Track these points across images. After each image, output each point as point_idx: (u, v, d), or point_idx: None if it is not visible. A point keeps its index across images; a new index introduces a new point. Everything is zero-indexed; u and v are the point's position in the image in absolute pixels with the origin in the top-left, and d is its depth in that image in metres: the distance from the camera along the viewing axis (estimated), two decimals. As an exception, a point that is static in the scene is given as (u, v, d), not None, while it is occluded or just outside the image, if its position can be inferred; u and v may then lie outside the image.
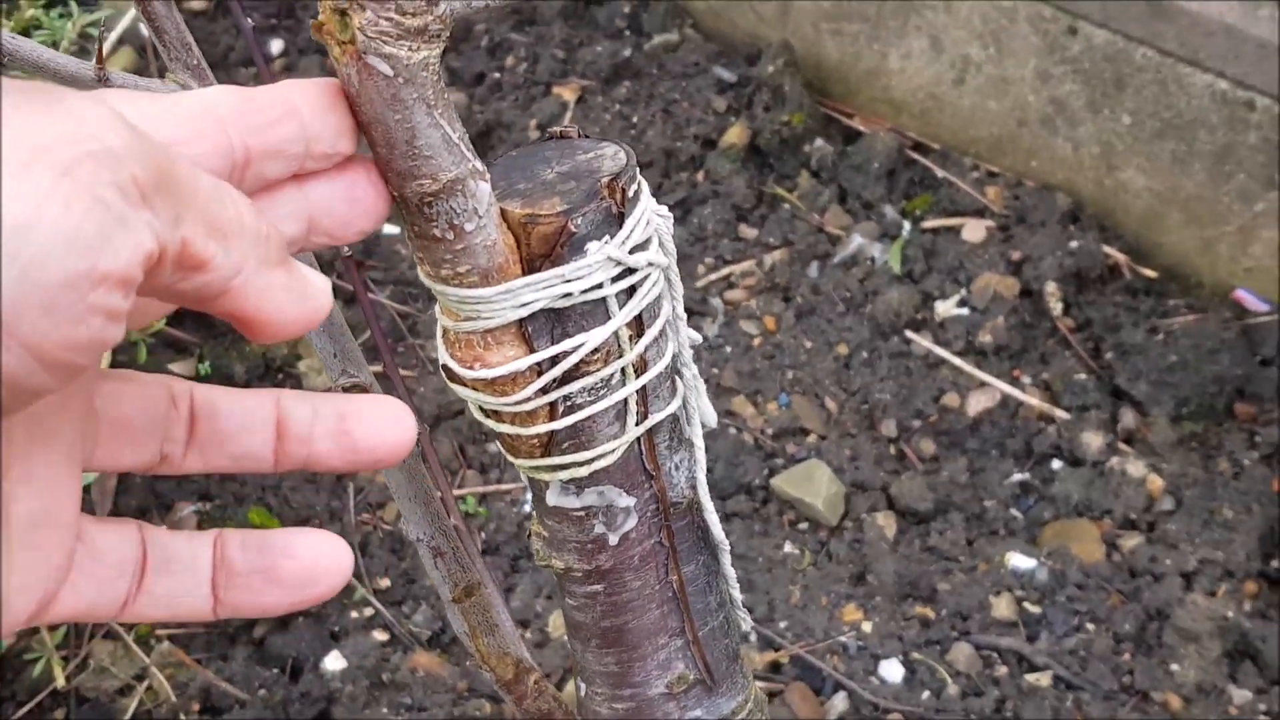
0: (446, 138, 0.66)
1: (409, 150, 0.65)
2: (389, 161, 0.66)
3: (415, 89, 0.64)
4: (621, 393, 0.75)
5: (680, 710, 0.86)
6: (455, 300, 0.71)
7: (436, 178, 0.66)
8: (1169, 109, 2.07)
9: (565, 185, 0.71)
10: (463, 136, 0.67)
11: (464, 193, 0.67)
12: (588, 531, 0.80)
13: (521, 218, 0.70)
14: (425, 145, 0.65)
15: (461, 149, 0.66)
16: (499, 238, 0.69)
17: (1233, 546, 1.81)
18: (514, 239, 0.70)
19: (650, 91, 2.43)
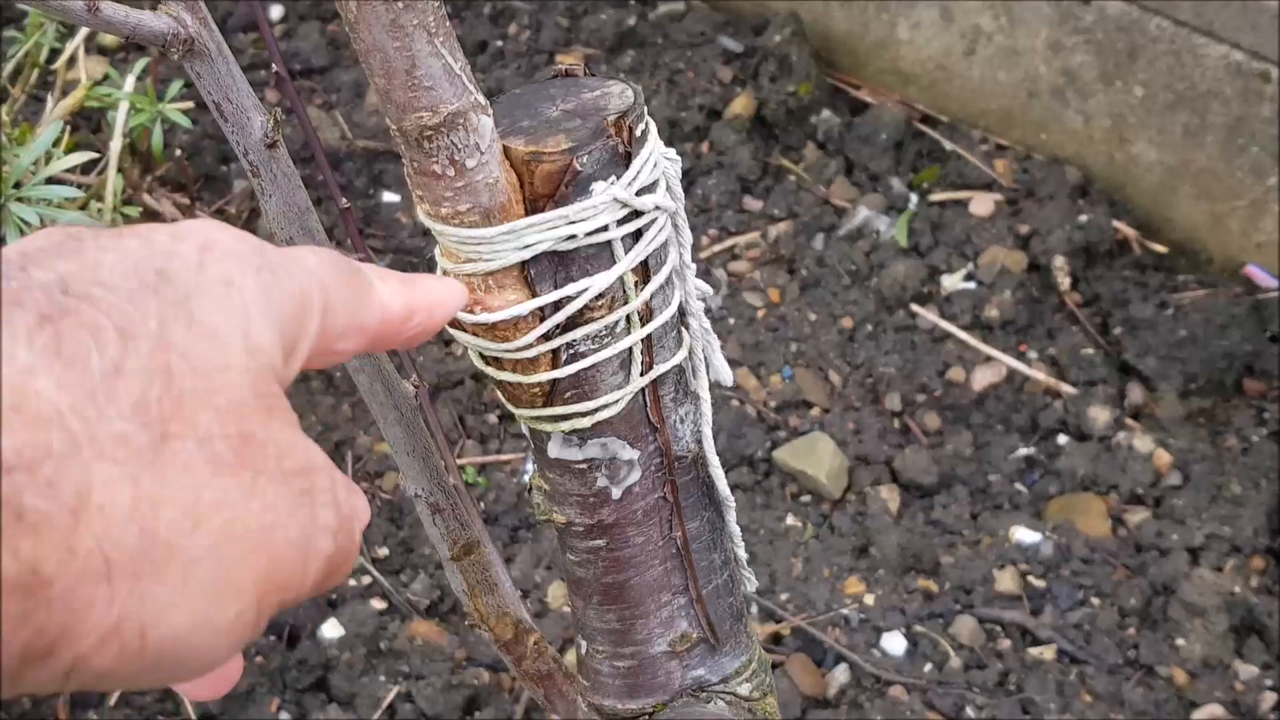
0: (448, 68, 0.63)
1: (408, 80, 0.63)
2: (387, 92, 0.64)
3: (415, 14, 0.62)
4: (626, 341, 0.73)
5: (683, 669, 0.84)
6: (455, 241, 0.69)
7: (437, 110, 0.64)
8: (1182, 80, 2.04)
9: (570, 123, 0.69)
10: (465, 68, 0.64)
11: (465, 127, 0.65)
12: (590, 485, 0.78)
13: (525, 155, 0.67)
14: (425, 75, 0.63)
15: (464, 80, 0.64)
16: (501, 175, 0.67)
17: (1240, 522, 1.79)
18: (517, 178, 0.68)
19: (655, 61, 2.40)
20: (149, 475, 0.35)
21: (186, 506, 0.36)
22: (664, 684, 0.84)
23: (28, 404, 0.33)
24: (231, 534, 0.37)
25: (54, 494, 0.33)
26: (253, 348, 0.40)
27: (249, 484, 0.38)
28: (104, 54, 2.43)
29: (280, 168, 0.78)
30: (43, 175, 1.44)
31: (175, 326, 0.38)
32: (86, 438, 0.34)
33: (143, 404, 0.36)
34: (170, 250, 0.40)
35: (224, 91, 0.75)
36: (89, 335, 0.36)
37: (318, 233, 0.81)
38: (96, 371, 0.35)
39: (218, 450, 0.37)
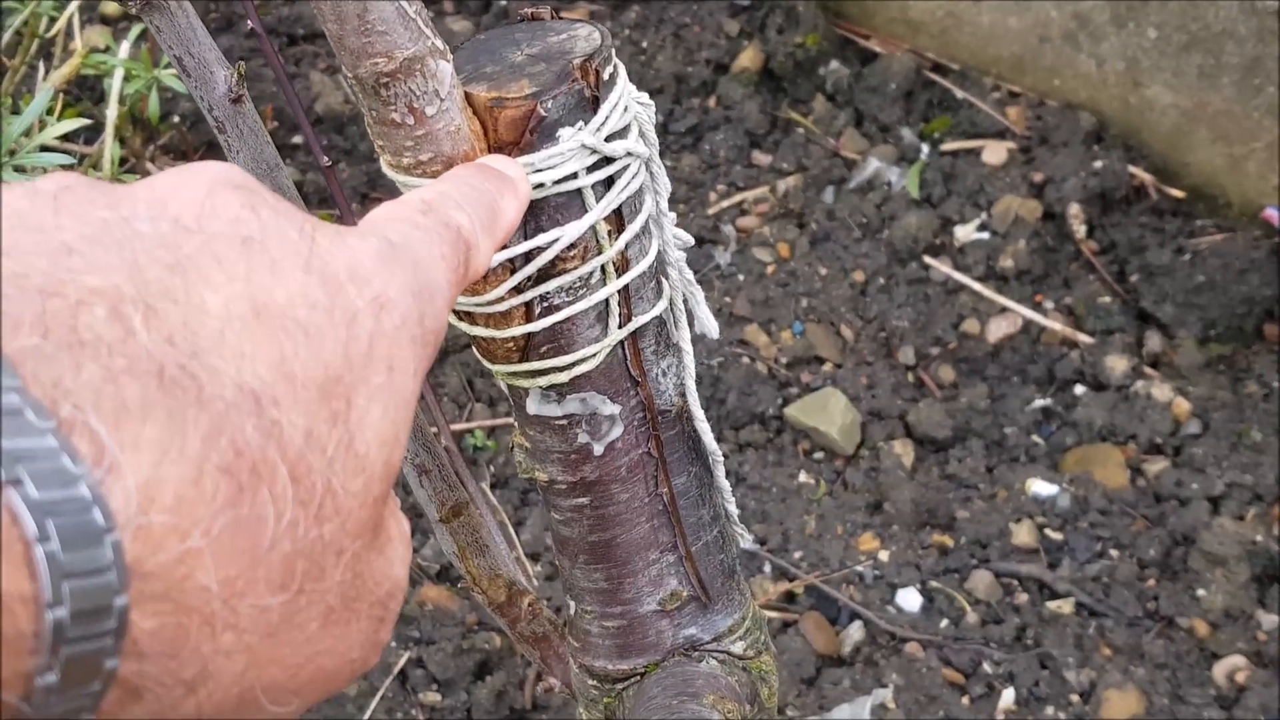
0: (401, 11, 0.61)
1: (361, 25, 0.61)
2: (340, 38, 0.61)
3: (364, -44, 0.59)
4: (602, 293, 0.71)
5: (674, 628, 0.82)
6: (419, 192, 0.66)
7: (392, 55, 0.61)
8: (1196, 21, 1.99)
9: (535, 67, 0.67)
10: (420, 11, 0.62)
11: (423, 73, 0.62)
12: (571, 441, 0.76)
13: (487, 101, 0.65)
14: (378, 19, 0.61)
15: (419, 24, 0.62)
16: (463, 123, 0.65)
17: (1261, 469, 1.75)
18: (480, 125, 0.66)
19: (660, 15, 2.36)
20: (268, 644, 0.35)
21: (289, 665, 0.36)
22: (655, 643, 0.82)
23: (185, 586, 0.32)
24: (316, 679, 0.37)
25: (174, 674, 0.33)
26: (390, 470, 0.38)
27: (345, 629, 0.38)
28: (106, 23, 2.41)
29: (247, 123, 0.76)
30: (35, 142, 1.43)
31: (339, 461, 0.36)
32: (226, 616, 0.33)
33: (290, 571, 0.35)
34: (353, 316, 0.38)
35: (185, 45, 0.73)
36: (270, 504, 0.34)
37: (288, 189, 0.79)
38: (265, 543, 0.34)
39: (331, 603, 0.37)
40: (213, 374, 0.33)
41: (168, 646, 0.32)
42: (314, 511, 0.35)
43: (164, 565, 0.31)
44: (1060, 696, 1.57)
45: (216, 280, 0.35)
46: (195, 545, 0.32)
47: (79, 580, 0.29)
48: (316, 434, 0.35)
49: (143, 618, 0.31)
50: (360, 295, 0.39)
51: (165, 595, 0.32)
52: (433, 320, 0.43)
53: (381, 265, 0.41)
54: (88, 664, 0.30)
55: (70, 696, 0.30)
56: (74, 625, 0.30)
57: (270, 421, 0.34)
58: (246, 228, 0.38)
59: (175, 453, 0.32)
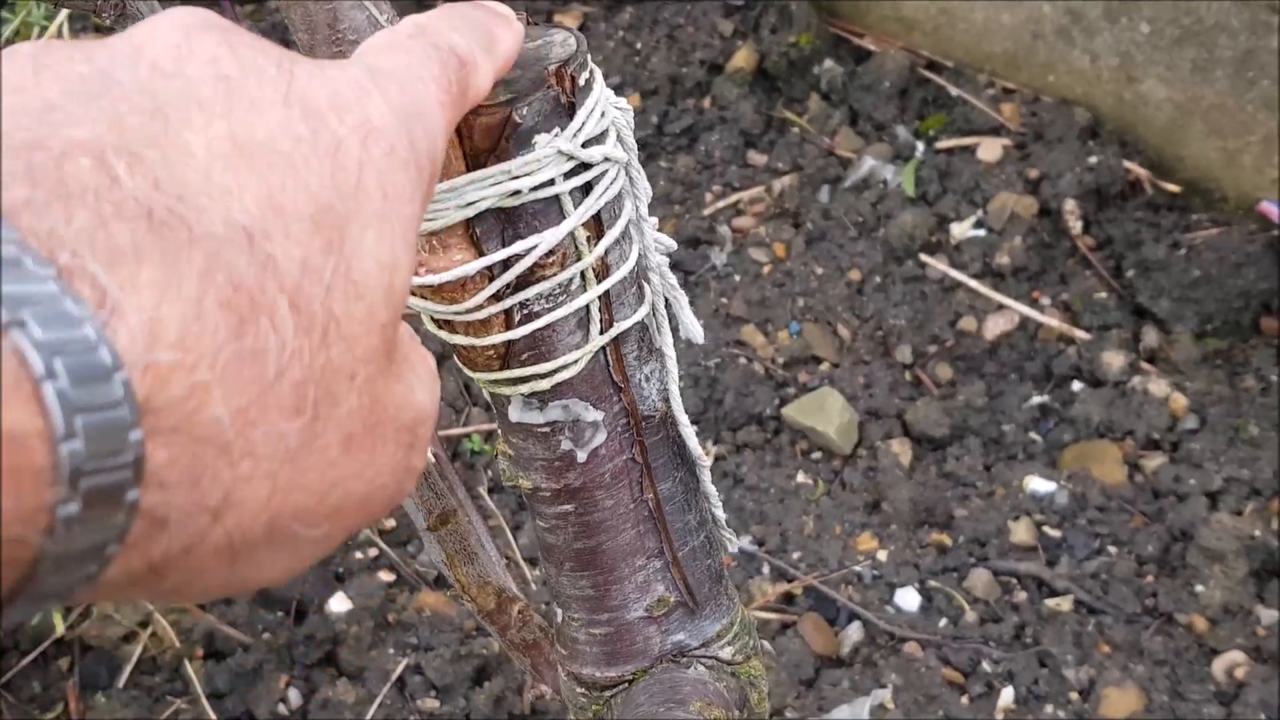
0: (373, 20, 0.61)
1: (331, 35, 0.61)
2: (311, 48, 0.61)
3: (333, -34, 0.59)
4: (582, 299, 0.71)
5: (662, 634, 0.82)
6: (395, 201, 0.66)
7: (363, 65, 0.61)
8: (1188, 15, 1.99)
9: (510, 74, 0.67)
10: (392, 19, 0.62)
11: (395, 82, 0.62)
12: (554, 448, 0.75)
13: (462, 109, 0.65)
14: (349, 28, 0.61)
15: (390, 33, 0.62)
16: (437, 131, 0.64)
17: (1259, 464, 1.75)
18: (455, 133, 0.65)
19: (654, 16, 2.36)
20: (289, 469, 0.35)
21: (315, 490, 0.36)
22: (642, 650, 0.82)
23: (197, 418, 0.33)
24: (346, 504, 0.38)
25: (199, 502, 0.33)
26: (393, 294, 0.39)
27: (370, 455, 0.38)
28: (99, 31, 2.41)
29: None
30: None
31: (337, 288, 0.36)
32: (241, 442, 0.34)
33: (302, 397, 0.35)
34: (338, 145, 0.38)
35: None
36: (271, 335, 0.34)
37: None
38: (271, 372, 0.34)
39: (351, 429, 0.37)
40: (201, 213, 0.34)
41: (187, 477, 0.33)
42: (318, 338, 0.35)
43: (174, 400, 0.32)
44: (1059, 695, 1.57)
45: (197, 122, 0.35)
46: (203, 379, 0.33)
47: (91, 415, 0.30)
48: (312, 263, 0.35)
49: (158, 450, 0.32)
50: (343, 124, 0.38)
51: (178, 428, 0.32)
52: (425, 142, 0.42)
53: (363, 92, 0.40)
54: (109, 496, 0.31)
55: (93, 528, 0.31)
56: (90, 458, 0.30)
57: (264, 255, 0.34)
58: (224, 67, 0.37)
59: (174, 292, 0.32)
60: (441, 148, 0.44)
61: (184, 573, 0.34)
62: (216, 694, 1.62)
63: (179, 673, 1.63)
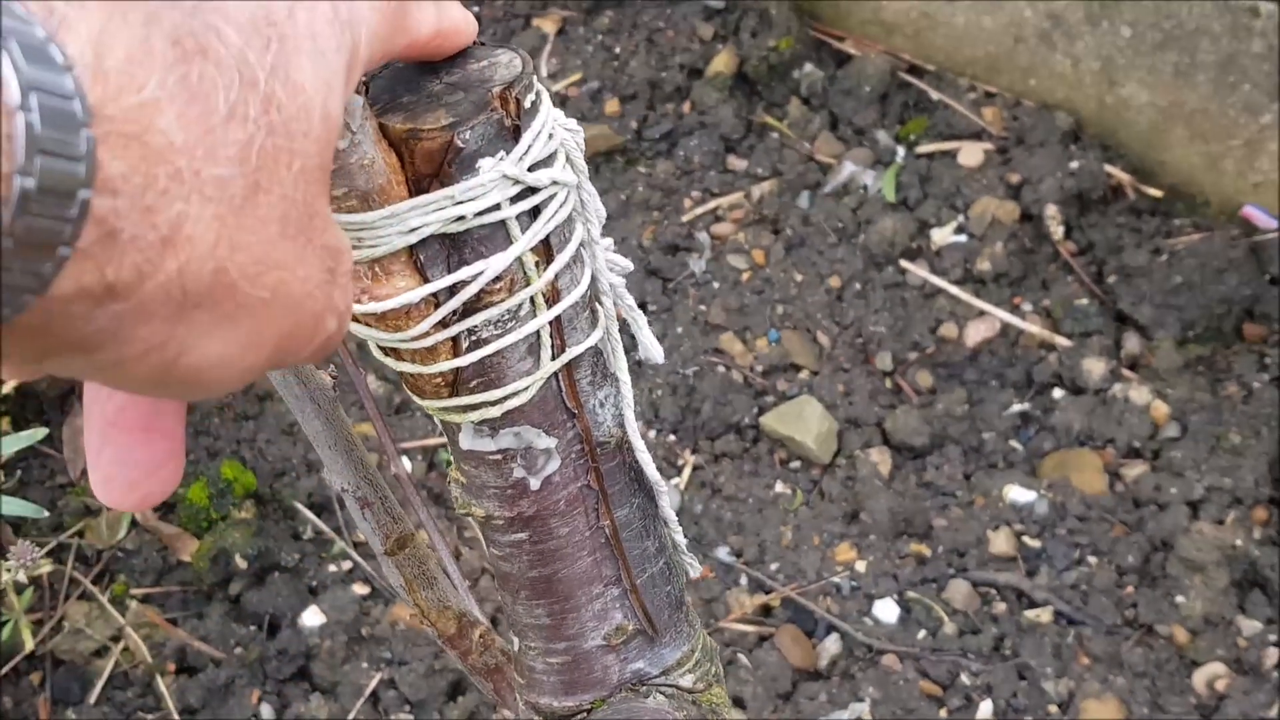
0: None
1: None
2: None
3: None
4: (532, 325, 0.69)
5: (621, 663, 0.80)
6: (335, 227, 0.65)
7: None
8: (1169, 19, 1.98)
9: (453, 96, 0.65)
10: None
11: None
12: (506, 476, 0.74)
13: (403, 133, 0.63)
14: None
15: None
16: (377, 156, 0.63)
17: (1240, 472, 1.74)
18: (396, 158, 0.64)
19: (633, 20, 2.35)
20: (235, 220, 0.37)
21: (257, 258, 0.38)
22: (601, 679, 0.80)
23: (148, 136, 0.34)
24: (279, 293, 0.40)
25: (149, 222, 0.35)
26: (327, 116, 0.41)
27: (302, 251, 0.40)
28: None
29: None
30: None
31: (277, 83, 0.39)
32: (192, 174, 0.35)
33: (246, 152, 0.37)
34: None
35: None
36: (218, 75, 0.36)
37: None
38: (219, 114, 0.36)
39: (289, 213, 0.39)
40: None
41: (139, 190, 0.34)
42: (261, 104, 0.38)
43: (125, 110, 0.34)
44: (1038, 707, 1.56)
45: None
46: (153, 95, 0.34)
47: (46, 97, 0.32)
48: (252, 47, 0.38)
49: (111, 158, 0.33)
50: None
51: (130, 140, 0.34)
52: (346, 13, 0.44)
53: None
54: (62, 183, 0.32)
55: (48, 214, 0.32)
56: (45, 138, 0.32)
57: (206, 23, 0.37)
58: None
59: (119, 19, 0.34)
60: (362, 37, 0.46)
61: (130, 305, 0.35)
62: (189, 709, 1.60)
63: (151, 688, 1.62)
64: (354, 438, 0.86)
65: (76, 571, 1.70)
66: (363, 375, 0.93)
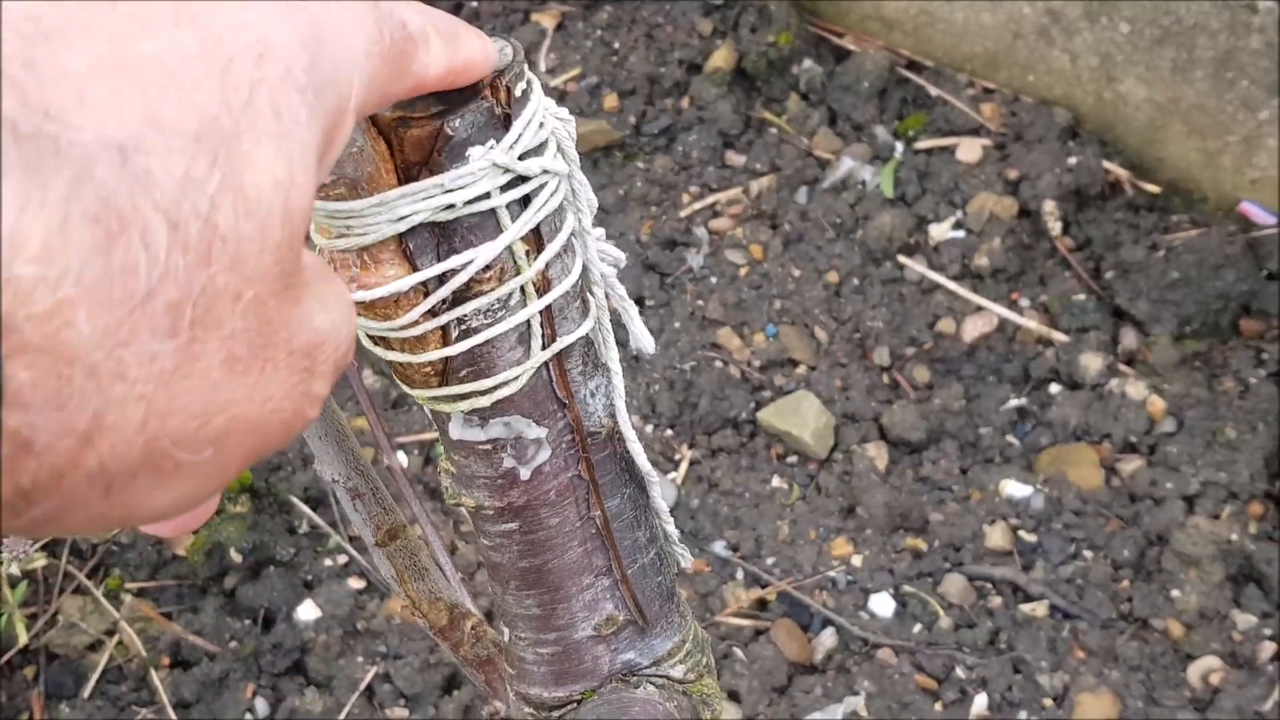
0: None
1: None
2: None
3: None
4: (522, 314, 0.69)
5: (611, 653, 0.80)
6: (324, 215, 0.64)
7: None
8: (1168, 15, 1.97)
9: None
10: None
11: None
12: (496, 466, 0.74)
13: (392, 120, 0.63)
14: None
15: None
16: (366, 143, 0.62)
17: (1236, 467, 1.74)
18: (385, 145, 0.63)
19: (632, 15, 2.34)
20: (165, 390, 0.34)
21: (195, 413, 0.35)
22: (591, 669, 0.80)
23: (61, 337, 0.31)
24: (232, 429, 0.36)
25: (64, 425, 0.32)
26: (290, 214, 0.36)
27: (258, 378, 0.36)
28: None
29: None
30: None
31: (224, 203, 0.34)
32: (111, 366, 0.32)
33: (178, 316, 0.33)
34: (229, 61, 0.35)
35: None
36: (143, 252, 0.33)
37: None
38: (141, 290, 0.33)
39: (235, 350, 0.35)
40: (72, 131, 0.32)
41: (52, 398, 0.31)
42: (200, 255, 0.34)
43: (37, 316, 0.31)
44: (1033, 701, 1.56)
45: (79, 45, 0.34)
46: (68, 294, 0.31)
47: None
48: (194, 176, 0.34)
49: (20, 370, 0.31)
50: (238, 41, 0.36)
51: (42, 347, 0.31)
52: (329, 69, 0.39)
53: (267, 15, 0.38)
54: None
55: None
56: None
57: (139, 169, 0.33)
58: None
59: (36, 205, 0.31)
60: (352, 88, 0.41)
61: (56, 501, 0.33)
62: (183, 703, 1.60)
63: (145, 682, 1.62)
64: (346, 428, 0.86)
65: (71, 565, 1.70)
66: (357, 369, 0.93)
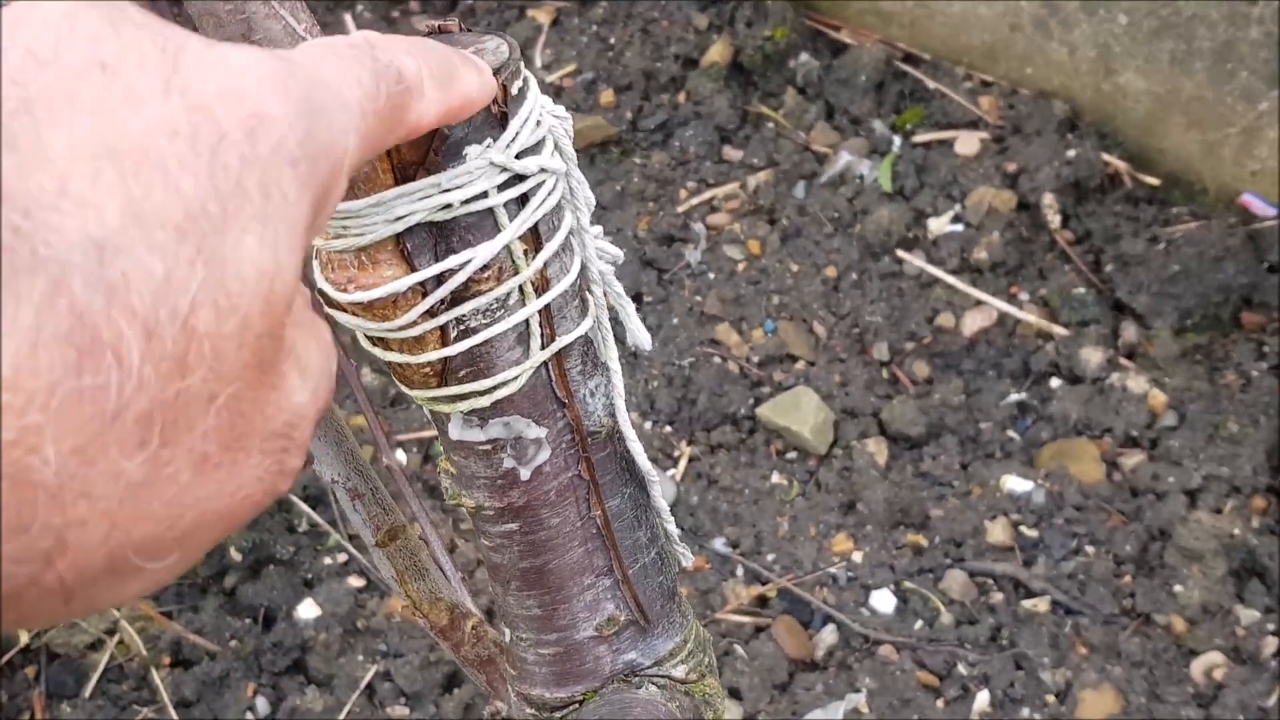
0: (289, 29, 0.59)
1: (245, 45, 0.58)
2: (227, 60, 0.59)
3: (246, -27, 0.57)
4: (521, 314, 0.69)
5: (613, 653, 0.80)
6: (321, 215, 0.64)
7: (281, 76, 0.59)
8: (1166, 6, 1.97)
9: (439, 83, 0.64)
10: (311, 29, 0.60)
11: (316, 93, 0.60)
12: (496, 466, 0.73)
13: (388, 120, 0.63)
14: (265, 39, 0.58)
15: (310, 43, 0.59)
16: (363, 143, 0.62)
17: (1239, 461, 1.73)
18: (382, 145, 0.63)
19: (628, 10, 2.34)
20: (130, 505, 0.32)
21: (162, 519, 0.33)
22: (593, 670, 0.80)
23: (24, 471, 0.30)
24: (200, 525, 0.34)
25: (27, 548, 0.31)
26: (273, 303, 0.35)
27: (229, 470, 0.35)
28: None
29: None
30: None
31: (204, 303, 0.33)
32: (76, 486, 0.31)
33: (147, 429, 0.32)
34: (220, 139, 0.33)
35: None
36: (115, 370, 0.31)
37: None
38: (111, 409, 0.31)
39: (207, 449, 0.34)
40: (50, 231, 0.31)
41: (14, 523, 0.30)
42: (174, 365, 0.32)
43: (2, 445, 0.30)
44: (1036, 697, 1.55)
45: (64, 118, 0.32)
46: (33, 421, 0.30)
47: None
48: (176, 277, 0.32)
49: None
50: (230, 115, 0.34)
51: (4, 476, 0.30)
52: (324, 137, 0.37)
53: (264, 82, 0.36)
54: None
55: None
56: None
57: (118, 274, 0.31)
58: (104, 50, 0.33)
59: (7, 324, 0.29)
60: (348, 151, 0.39)
61: (15, 614, 0.32)
62: (184, 702, 1.60)
63: (146, 681, 1.61)
64: (345, 428, 0.86)
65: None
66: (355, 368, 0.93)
